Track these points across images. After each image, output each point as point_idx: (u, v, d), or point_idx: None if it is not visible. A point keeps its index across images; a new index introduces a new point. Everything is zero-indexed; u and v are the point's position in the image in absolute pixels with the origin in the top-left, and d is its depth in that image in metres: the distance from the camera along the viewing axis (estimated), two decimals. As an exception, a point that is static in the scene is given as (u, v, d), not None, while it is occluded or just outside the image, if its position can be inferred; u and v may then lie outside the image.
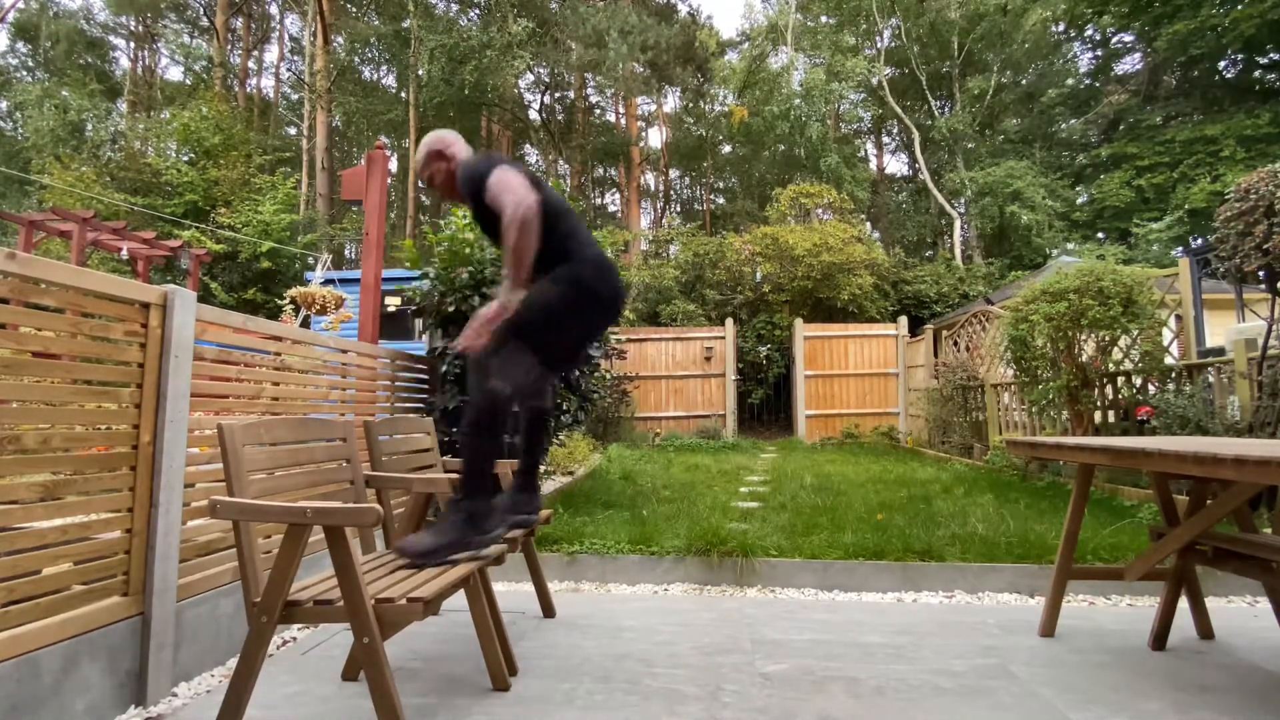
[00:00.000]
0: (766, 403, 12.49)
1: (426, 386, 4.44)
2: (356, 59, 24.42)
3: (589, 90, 26.03)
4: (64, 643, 1.82)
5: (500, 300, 2.09)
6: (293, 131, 26.00)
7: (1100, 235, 19.28)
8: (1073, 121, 22.47)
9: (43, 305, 1.88)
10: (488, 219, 2.17)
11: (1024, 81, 22.71)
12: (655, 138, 29.36)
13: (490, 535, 2.07)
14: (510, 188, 2.03)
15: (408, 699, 2.01)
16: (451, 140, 2.40)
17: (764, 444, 10.70)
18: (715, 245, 15.12)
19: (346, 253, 21.17)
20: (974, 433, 8.09)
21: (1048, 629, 2.60)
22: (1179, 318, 5.94)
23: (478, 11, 22.64)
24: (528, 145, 27.79)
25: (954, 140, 21.33)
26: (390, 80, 26.91)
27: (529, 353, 2.13)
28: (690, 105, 27.26)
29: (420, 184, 3.82)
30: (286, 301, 6.33)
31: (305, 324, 6.55)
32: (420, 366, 4.35)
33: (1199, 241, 12.46)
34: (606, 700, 2.06)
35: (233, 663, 2.23)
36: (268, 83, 28.47)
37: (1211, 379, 4.86)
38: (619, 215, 28.02)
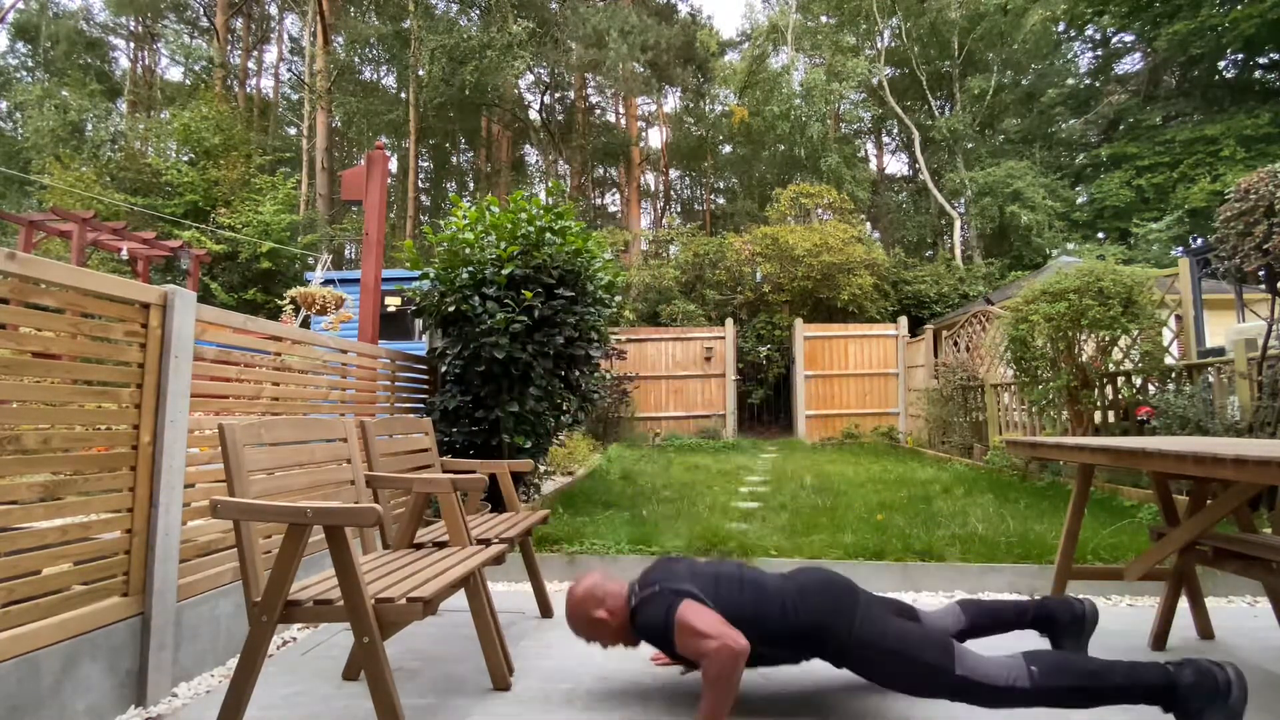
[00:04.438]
0: (766, 403, 12.48)
1: (426, 386, 4.44)
2: (356, 59, 24.42)
3: (589, 90, 26.03)
4: (64, 643, 1.82)
5: None
6: (293, 131, 25.98)
7: (1100, 235, 19.27)
8: (1073, 121, 22.45)
9: (43, 305, 1.88)
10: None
11: (1024, 81, 22.69)
12: (655, 138, 29.41)
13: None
14: (707, 629, 1.74)
15: (408, 699, 2.01)
16: (601, 595, 2.03)
17: (764, 444, 10.70)
18: (715, 245, 15.12)
19: (346, 253, 21.17)
20: (974, 433, 8.09)
21: (1048, 629, 2.59)
22: (1179, 318, 5.94)
23: (478, 11, 22.64)
24: (528, 145, 27.80)
25: (954, 140, 21.31)
26: (390, 80, 26.91)
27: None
28: (690, 105, 27.26)
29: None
30: (286, 302, 6.32)
31: (305, 324, 6.55)
32: (420, 366, 4.35)
33: (1199, 241, 12.46)
34: (606, 700, 2.06)
35: (233, 663, 2.24)
36: (268, 83, 28.48)
37: (1211, 379, 4.86)
38: (619, 215, 28.02)
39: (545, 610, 2.88)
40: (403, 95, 23.19)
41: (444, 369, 4.27)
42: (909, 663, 1.73)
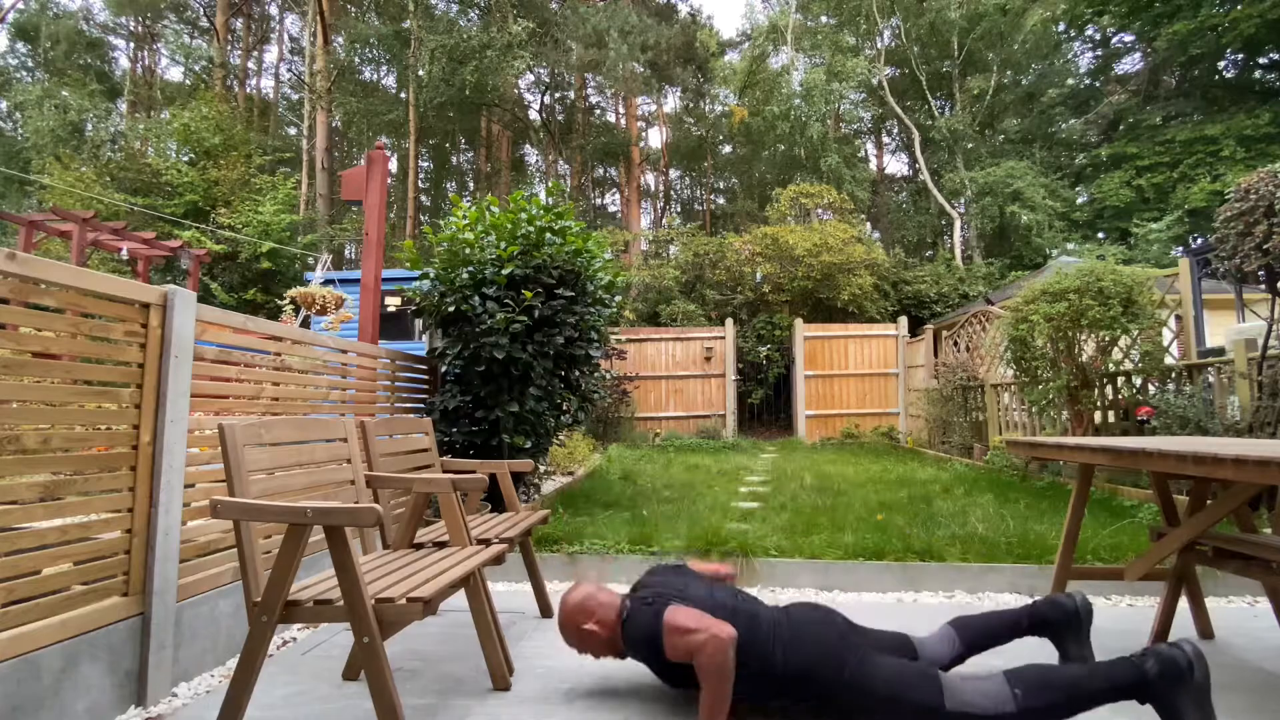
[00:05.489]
0: (766, 403, 12.49)
1: (426, 386, 4.44)
2: (356, 59, 24.41)
3: (589, 90, 26.04)
4: (64, 643, 1.83)
5: None
6: (293, 132, 26.00)
7: (1100, 235, 19.28)
8: (1073, 121, 22.46)
9: (43, 305, 1.88)
10: (675, 670, 1.92)
11: (1024, 81, 22.71)
12: (655, 138, 29.42)
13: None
14: (693, 625, 1.77)
15: (408, 699, 2.01)
16: (593, 607, 2.04)
17: (764, 444, 10.70)
18: (715, 245, 15.12)
19: (346, 253, 21.16)
20: (974, 433, 8.09)
21: (1048, 629, 2.59)
22: (1179, 318, 5.94)
23: (478, 12, 22.65)
24: (528, 145, 27.81)
25: (954, 140, 21.32)
26: (390, 80, 26.91)
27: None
28: (690, 105, 27.28)
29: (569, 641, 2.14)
30: (286, 302, 6.32)
31: (305, 324, 6.55)
32: (420, 366, 4.35)
33: (1199, 241, 12.46)
34: (606, 700, 2.06)
35: (233, 663, 2.24)
36: (268, 83, 28.50)
37: (1211, 379, 4.86)
38: (619, 215, 28.02)
39: (545, 610, 2.88)
40: (403, 95, 23.18)
41: (444, 369, 4.27)
42: (900, 706, 1.75)
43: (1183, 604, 2.53)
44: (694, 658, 1.77)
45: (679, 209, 31.64)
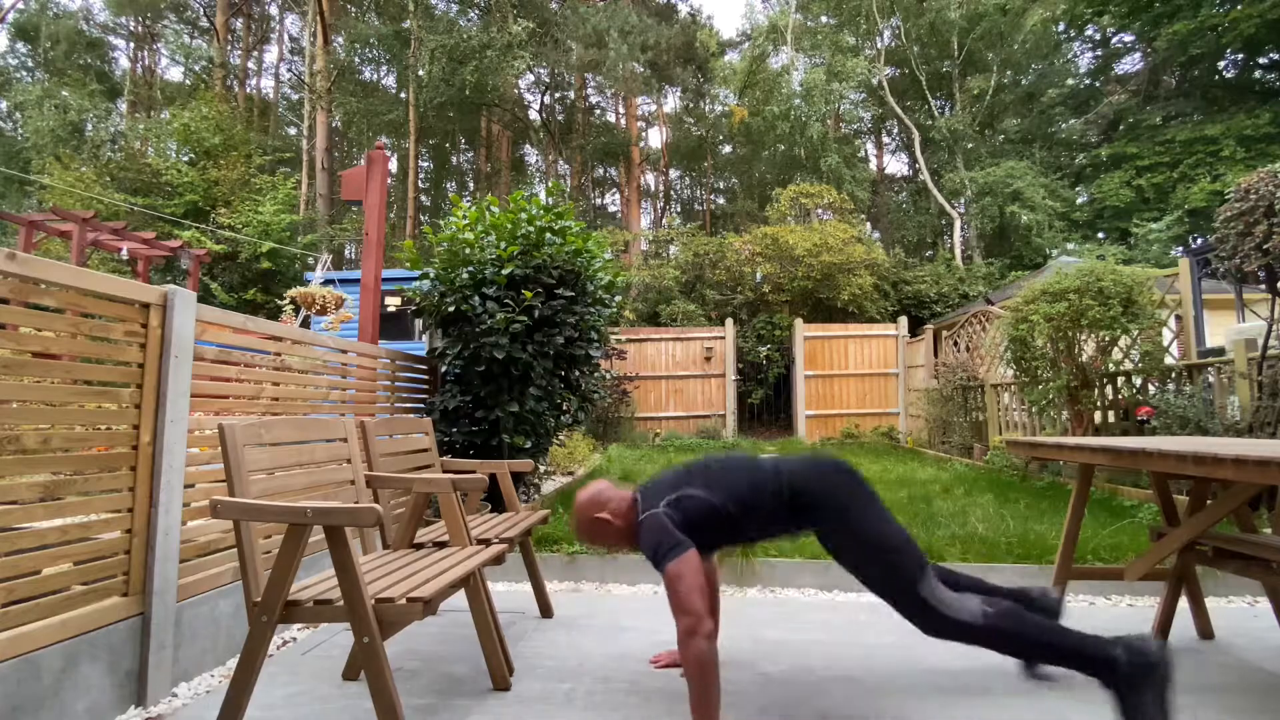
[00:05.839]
0: (766, 403, 12.48)
1: (426, 386, 4.44)
2: (356, 59, 24.41)
3: (589, 90, 26.03)
4: (64, 643, 1.83)
5: None
6: (293, 132, 26.00)
7: (1100, 235, 19.28)
8: (1073, 121, 22.46)
9: (43, 305, 1.88)
10: None
11: (1024, 81, 22.71)
12: (655, 138, 29.42)
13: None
14: (683, 600, 1.76)
15: (408, 699, 2.01)
16: (605, 498, 2.06)
17: (764, 444, 10.70)
18: (715, 245, 15.12)
19: (346, 253, 21.16)
20: (974, 433, 8.09)
21: (1048, 629, 2.59)
22: (1179, 318, 5.94)
23: (478, 12, 22.65)
24: (528, 145, 27.80)
25: (954, 140, 21.32)
26: (390, 80, 26.91)
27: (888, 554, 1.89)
28: (690, 105, 27.28)
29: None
30: (286, 302, 6.32)
31: (305, 324, 6.55)
32: (420, 366, 4.36)
33: (1199, 241, 12.46)
34: (606, 700, 2.06)
35: (233, 663, 2.24)
36: (268, 83, 28.50)
37: (1211, 379, 4.86)
38: (619, 215, 28.02)
39: (545, 610, 2.88)
40: (403, 95, 23.17)
41: (444, 369, 4.27)
42: (882, 561, 1.84)
43: (1182, 604, 2.53)
44: (677, 630, 1.77)
45: (679, 209, 31.64)
